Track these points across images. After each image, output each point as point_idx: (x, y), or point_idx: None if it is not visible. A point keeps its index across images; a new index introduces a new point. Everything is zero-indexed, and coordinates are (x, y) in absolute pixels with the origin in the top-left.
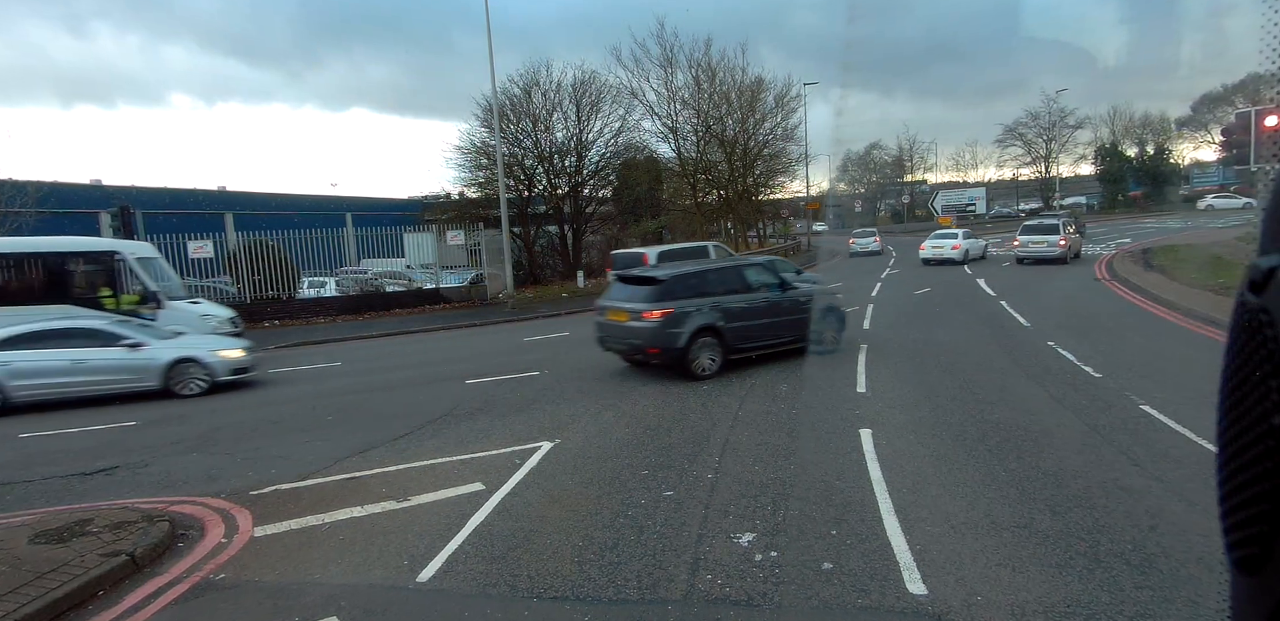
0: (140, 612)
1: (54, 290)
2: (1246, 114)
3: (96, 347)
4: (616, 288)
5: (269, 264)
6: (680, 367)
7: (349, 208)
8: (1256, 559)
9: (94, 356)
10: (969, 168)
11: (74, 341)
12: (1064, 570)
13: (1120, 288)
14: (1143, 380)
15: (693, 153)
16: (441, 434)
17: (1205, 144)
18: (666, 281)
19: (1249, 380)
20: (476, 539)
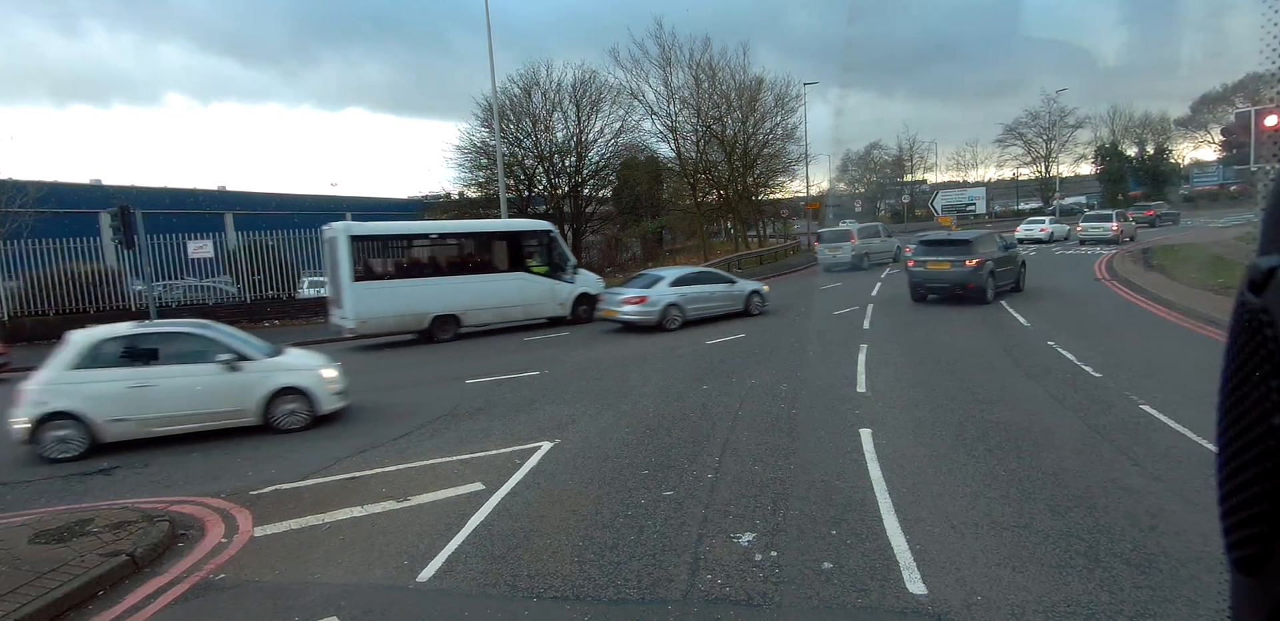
0: (140, 612)
1: (511, 261)
2: (1246, 114)
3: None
4: (923, 248)
5: (269, 264)
6: (980, 295)
7: (349, 208)
8: (1256, 559)
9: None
10: (969, 167)
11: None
12: (1064, 570)
13: (1120, 287)
14: (1143, 380)
15: (693, 152)
16: (441, 434)
17: (1205, 144)
18: (972, 242)
19: (1249, 380)
20: (476, 539)
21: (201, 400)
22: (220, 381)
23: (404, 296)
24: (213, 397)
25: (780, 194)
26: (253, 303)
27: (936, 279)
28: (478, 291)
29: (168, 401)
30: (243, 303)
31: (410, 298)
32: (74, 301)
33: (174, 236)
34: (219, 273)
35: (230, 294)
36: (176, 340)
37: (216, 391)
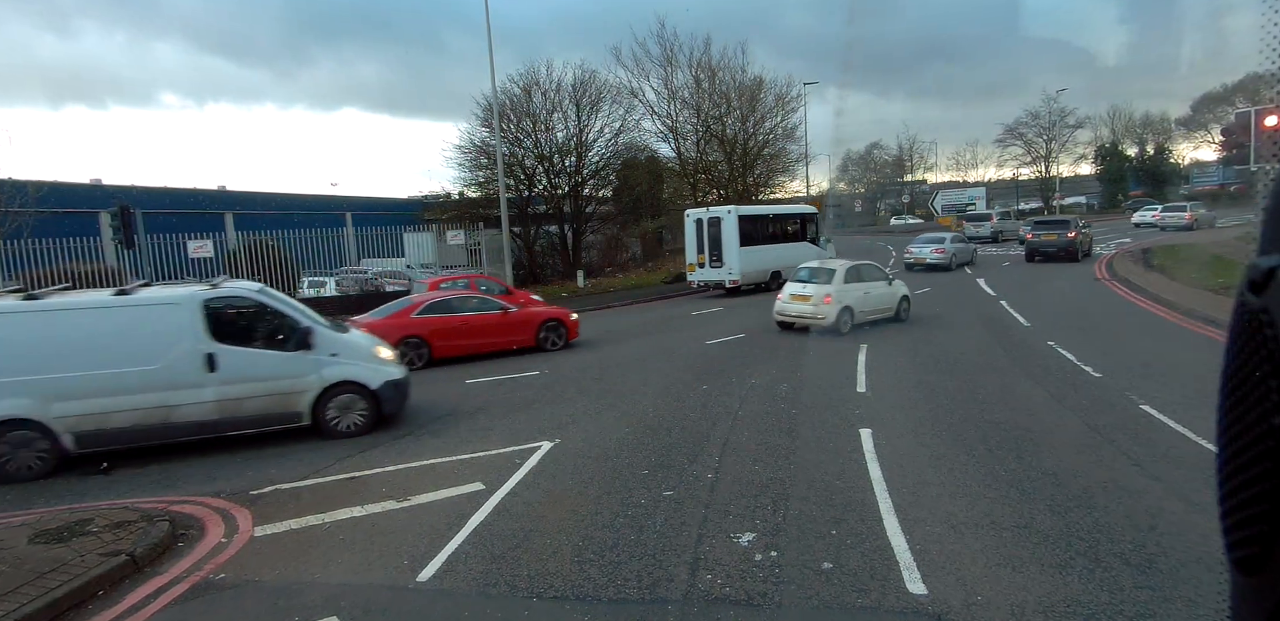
0: (140, 612)
1: (798, 235)
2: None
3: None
4: (1036, 226)
5: (269, 263)
6: (1073, 256)
7: (349, 207)
8: (1256, 559)
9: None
10: (969, 167)
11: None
12: (1064, 570)
13: (1120, 287)
14: (1143, 380)
15: (693, 152)
16: (441, 434)
17: (1205, 144)
18: (1069, 221)
19: (1249, 380)
20: (476, 539)
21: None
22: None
23: (760, 257)
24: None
25: (780, 194)
26: None
27: (1047, 245)
28: (788, 255)
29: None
30: None
31: (764, 258)
32: None
33: (174, 236)
34: (219, 272)
35: None
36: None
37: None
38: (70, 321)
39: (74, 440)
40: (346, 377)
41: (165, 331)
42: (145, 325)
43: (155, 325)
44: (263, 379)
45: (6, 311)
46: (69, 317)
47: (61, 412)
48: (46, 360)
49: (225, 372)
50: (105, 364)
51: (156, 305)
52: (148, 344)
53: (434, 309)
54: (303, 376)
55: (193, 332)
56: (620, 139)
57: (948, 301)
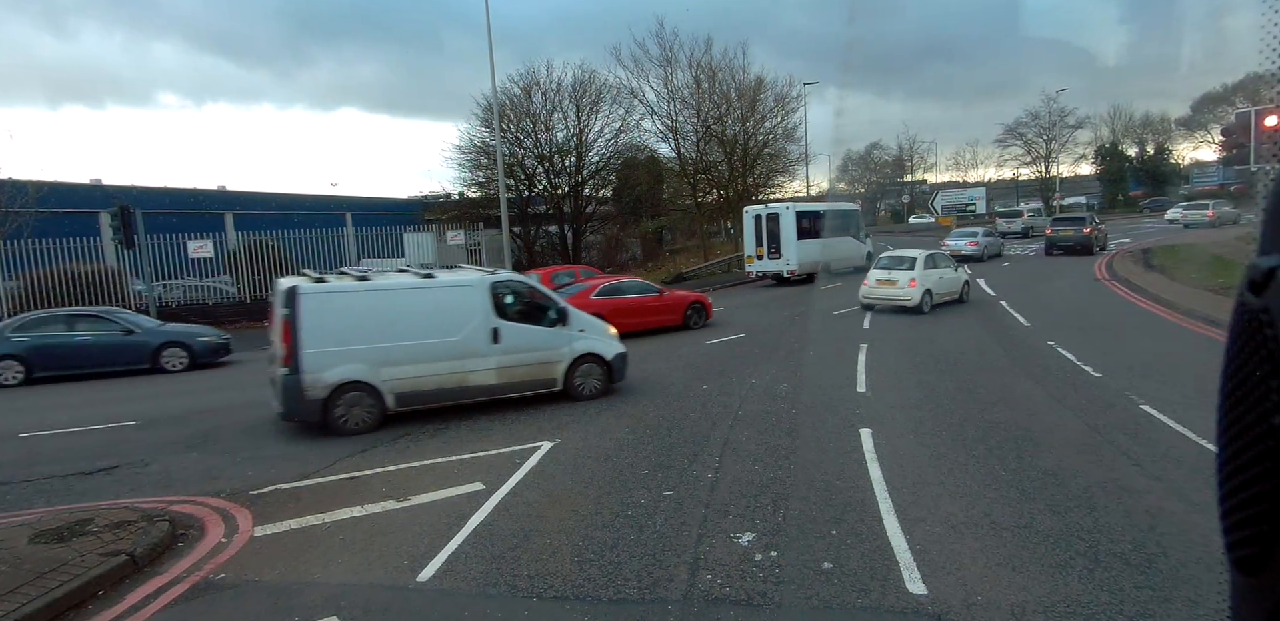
0: (140, 612)
1: (843, 230)
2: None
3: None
4: (1056, 223)
5: (269, 263)
6: (1088, 250)
7: (349, 207)
8: (1256, 559)
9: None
10: (969, 167)
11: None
12: (1064, 570)
13: (1120, 287)
14: (1143, 380)
15: (693, 152)
16: (441, 434)
17: (1205, 144)
18: (1085, 218)
19: (1249, 380)
20: (476, 539)
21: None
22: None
23: (813, 250)
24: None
25: (780, 194)
26: (252, 302)
27: (1064, 239)
28: (837, 248)
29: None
30: (242, 302)
31: (816, 251)
32: (74, 301)
33: (174, 236)
34: (219, 272)
35: (230, 294)
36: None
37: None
38: (393, 299)
39: (395, 400)
40: (590, 350)
41: (464, 309)
42: (449, 303)
43: (457, 303)
44: (531, 350)
45: (346, 290)
46: (392, 296)
47: (387, 376)
48: (376, 332)
49: (505, 345)
50: (419, 335)
51: (458, 286)
52: (451, 319)
53: (607, 291)
54: (559, 349)
55: (484, 310)
56: (620, 139)
57: (947, 301)
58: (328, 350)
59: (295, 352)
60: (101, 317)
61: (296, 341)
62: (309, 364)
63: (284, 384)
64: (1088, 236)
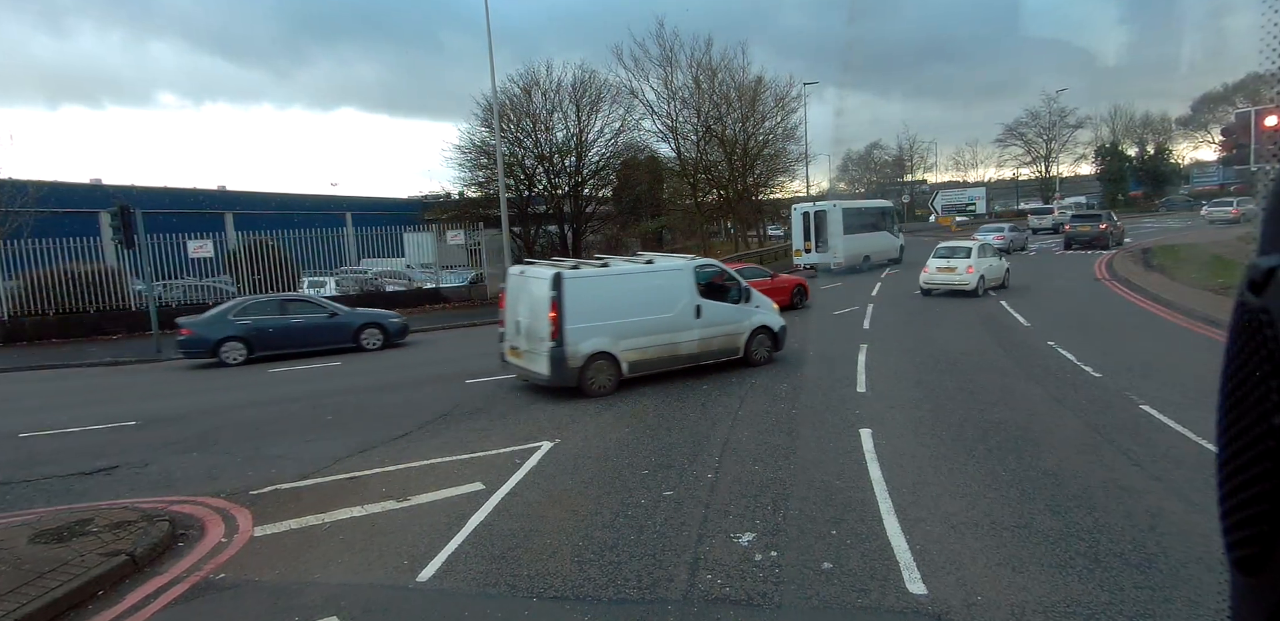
0: (140, 612)
1: (880, 225)
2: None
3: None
4: (1074, 219)
5: (269, 263)
6: (1104, 245)
7: (349, 207)
8: (1256, 559)
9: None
10: (969, 167)
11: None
12: (1064, 570)
13: (1120, 287)
14: (1143, 380)
15: (693, 152)
16: (441, 434)
17: (1205, 143)
18: (1101, 216)
19: (1249, 380)
20: (476, 538)
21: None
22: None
23: (857, 244)
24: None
25: (780, 194)
26: None
27: (1082, 235)
28: (875, 242)
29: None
30: None
31: (858, 244)
32: (74, 301)
33: (174, 236)
34: (219, 272)
35: (230, 294)
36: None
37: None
38: (625, 283)
39: (628, 367)
40: (763, 323)
41: (675, 289)
42: (665, 285)
43: (670, 285)
44: (723, 323)
45: (595, 275)
46: (625, 280)
47: (623, 347)
48: (614, 310)
49: (705, 319)
50: (643, 313)
51: (671, 270)
52: (666, 298)
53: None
54: (742, 322)
55: (690, 290)
56: (620, 139)
57: (948, 301)
58: (582, 326)
59: (561, 328)
60: (309, 301)
61: (562, 319)
62: (570, 337)
63: (552, 355)
64: (1104, 232)
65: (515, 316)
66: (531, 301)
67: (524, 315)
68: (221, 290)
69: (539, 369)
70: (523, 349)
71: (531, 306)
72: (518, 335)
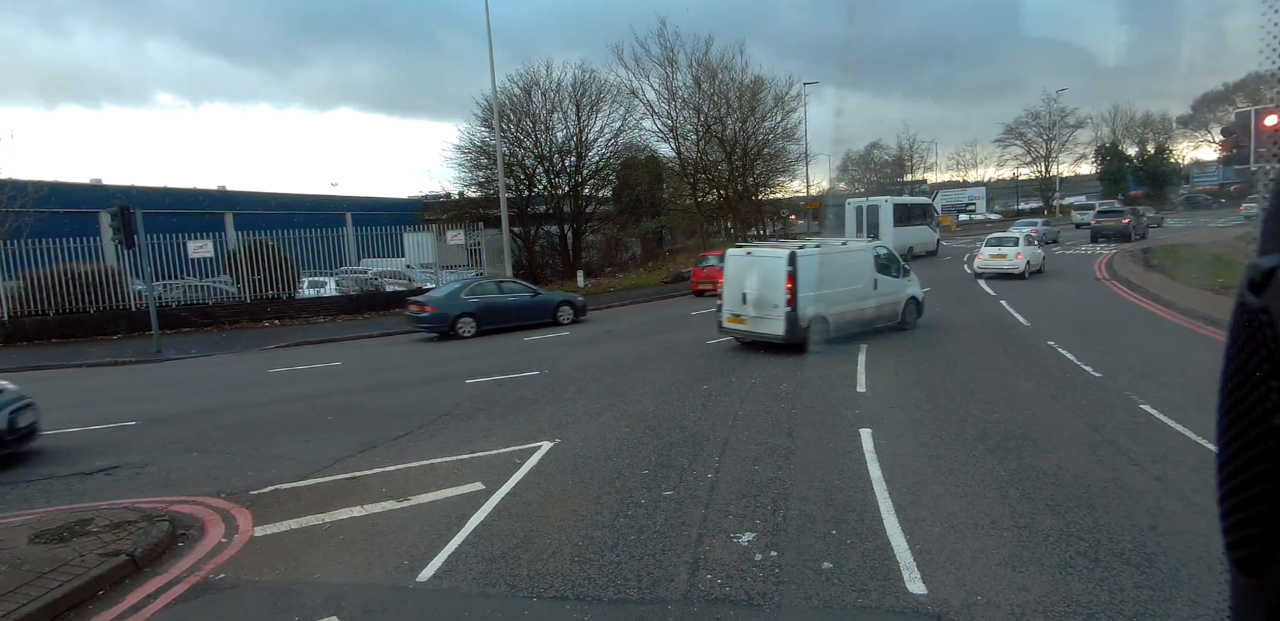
0: (140, 612)
1: (921, 220)
2: (1246, 113)
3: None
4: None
5: (269, 263)
6: (1126, 238)
7: (349, 207)
8: (1256, 559)
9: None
10: (969, 167)
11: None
12: (1064, 570)
13: (1120, 287)
14: (1143, 380)
15: (693, 152)
16: (441, 434)
17: (1205, 143)
18: (1125, 211)
19: (1249, 380)
20: (476, 538)
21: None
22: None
23: (904, 236)
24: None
25: (780, 194)
26: (252, 302)
27: (1107, 229)
28: (918, 235)
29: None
30: (242, 302)
31: (904, 237)
32: (74, 301)
33: (174, 236)
34: (219, 272)
35: (230, 294)
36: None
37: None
38: (833, 260)
39: (834, 328)
40: (913, 294)
41: (862, 266)
42: (855, 262)
43: (858, 262)
44: (890, 294)
45: (816, 254)
46: (833, 257)
47: (832, 311)
48: (825, 282)
49: (879, 290)
50: (841, 285)
51: (859, 250)
52: (857, 273)
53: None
54: (901, 293)
55: (871, 267)
56: (620, 139)
57: (948, 301)
58: (808, 294)
59: (795, 296)
60: (518, 283)
61: (796, 288)
62: (801, 304)
63: (788, 318)
64: (1125, 226)
65: (741, 289)
66: (763, 275)
67: (752, 287)
68: (221, 290)
69: (773, 330)
70: (749, 315)
71: (763, 279)
72: (743, 304)
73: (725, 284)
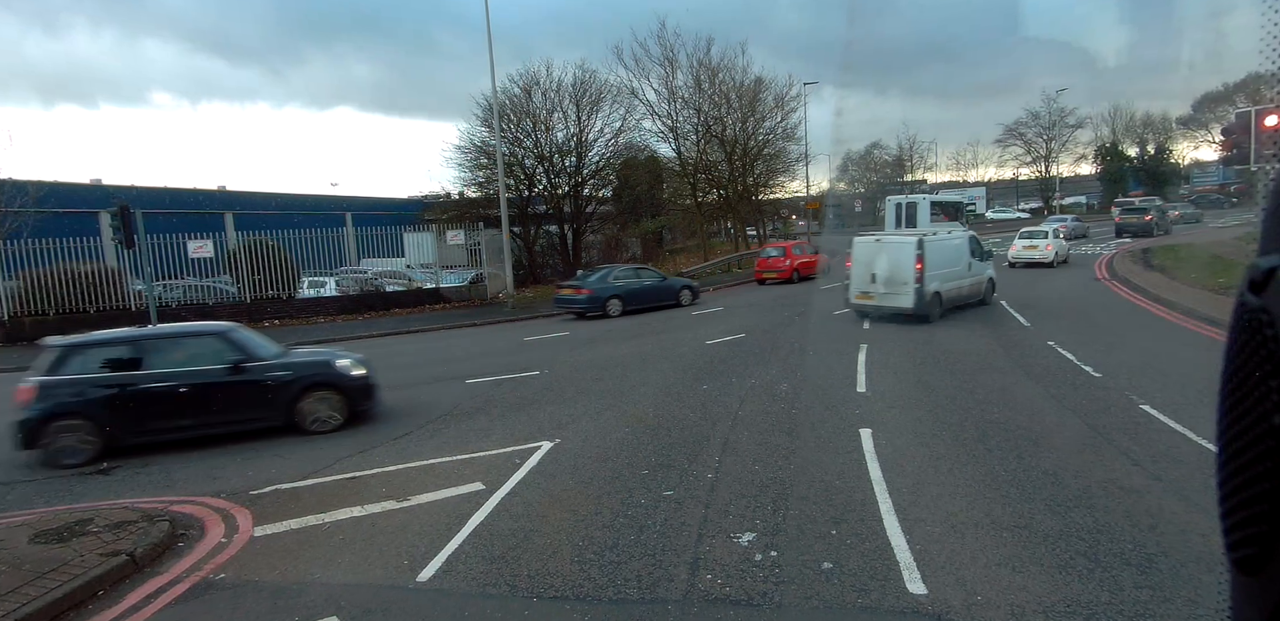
0: (140, 612)
1: (956, 217)
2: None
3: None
4: (1124, 212)
5: (269, 263)
6: (1149, 233)
7: (349, 207)
8: (1256, 559)
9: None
10: (969, 167)
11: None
12: (1064, 570)
13: (1120, 287)
14: (1143, 380)
15: (693, 152)
16: (441, 434)
17: (1205, 143)
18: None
19: (1249, 380)
20: (476, 539)
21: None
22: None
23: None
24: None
25: (780, 194)
26: (252, 302)
27: (1130, 225)
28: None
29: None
30: (242, 302)
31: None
32: (74, 301)
33: (174, 236)
34: (219, 272)
35: (230, 294)
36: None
37: None
38: (946, 244)
39: (947, 302)
40: (991, 275)
41: (963, 250)
42: (958, 247)
43: (960, 246)
44: (977, 275)
45: (939, 240)
46: (946, 242)
47: (944, 289)
48: (939, 263)
49: (972, 271)
50: (950, 266)
51: (961, 237)
52: (959, 256)
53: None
54: (984, 274)
55: (967, 251)
56: (620, 139)
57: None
58: (931, 273)
59: (923, 275)
60: (648, 269)
61: (925, 268)
62: (926, 281)
63: (917, 293)
64: (1148, 223)
65: (870, 270)
66: (893, 258)
67: (881, 268)
68: (221, 290)
69: (902, 303)
70: (878, 292)
71: (892, 261)
72: (872, 283)
73: (853, 266)
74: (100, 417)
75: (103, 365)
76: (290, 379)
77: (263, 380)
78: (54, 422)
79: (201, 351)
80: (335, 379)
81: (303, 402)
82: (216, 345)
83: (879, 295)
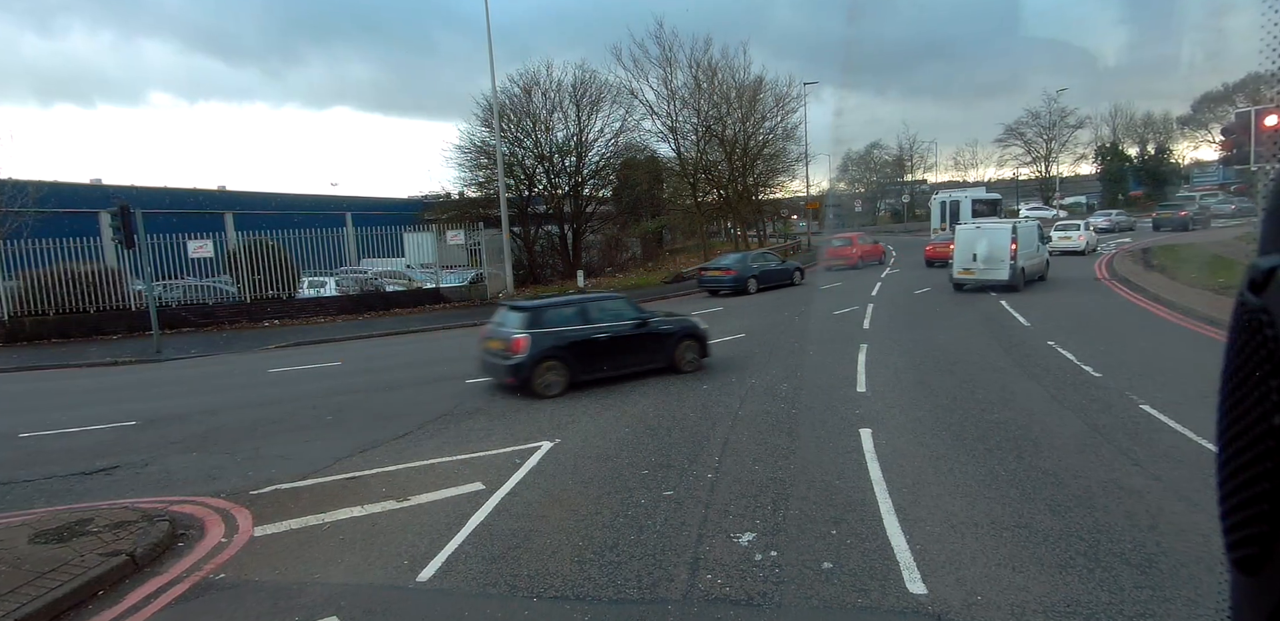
0: (140, 612)
1: (991, 212)
2: (1246, 113)
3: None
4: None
5: (269, 263)
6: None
7: (349, 207)
8: (1256, 559)
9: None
10: (969, 167)
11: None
12: (1064, 570)
13: (1120, 287)
14: (1143, 380)
15: (693, 152)
16: (441, 434)
17: (1206, 143)
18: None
19: (1249, 380)
20: (476, 538)
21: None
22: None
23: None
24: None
25: (780, 194)
26: (252, 302)
27: (1166, 220)
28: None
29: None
30: (242, 302)
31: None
32: (74, 301)
33: (174, 236)
34: (219, 272)
35: (230, 294)
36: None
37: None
38: (1025, 231)
39: (1026, 275)
40: (1046, 256)
41: (1033, 235)
42: (1030, 232)
43: (1031, 231)
44: (1041, 256)
45: (1021, 225)
46: (1026, 227)
47: (1026, 265)
48: (1023, 244)
49: (1038, 252)
50: (1028, 246)
51: (1033, 224)
52: (1032, 239)
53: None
54: (1042, 257)
55: (1036, 235)
56: (620, 139)
57: (949, 300)
58: (1021, 252)
59: (1016, 254)
60: (772, 253)
61: (1018, 249)
62: (1019, 258)
63: (1011, 268)
64: (1184, 219)
65: (971, 250)
66: (991, 240)
67: (981, 249)
68: (221, 290)
69: (999, 276)
70: (979, 269)
71: (991, 243)
72: (973, 261)
73: (956, 248)
74: (568, 359)
75: (564, 320)
76: (673, 330)
77: (658, 332)
78: (542, 364)
79: (618, 311)
80: (700, 332)
81: (678, 350)
82: (624, 306)
83: (979, 271)
